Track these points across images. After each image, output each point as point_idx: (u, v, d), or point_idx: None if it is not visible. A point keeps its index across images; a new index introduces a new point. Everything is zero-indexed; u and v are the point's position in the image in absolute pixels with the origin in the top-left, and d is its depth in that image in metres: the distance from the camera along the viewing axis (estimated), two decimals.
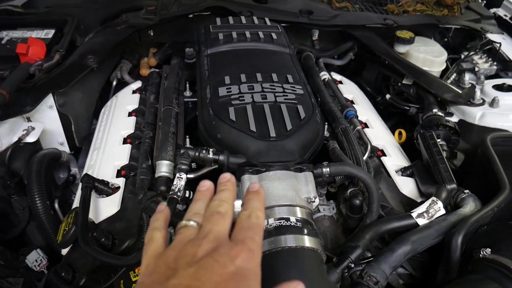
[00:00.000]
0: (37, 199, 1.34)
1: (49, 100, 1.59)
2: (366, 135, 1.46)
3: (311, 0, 2.10)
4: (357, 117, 1.53)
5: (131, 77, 2.00)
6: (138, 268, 1.04)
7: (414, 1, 2.21)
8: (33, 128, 1.49)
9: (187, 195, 1.25)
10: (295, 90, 1.30)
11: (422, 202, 1.21)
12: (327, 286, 0.93)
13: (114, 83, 2.01)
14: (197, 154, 1.11)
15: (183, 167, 1.09)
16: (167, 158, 1.20)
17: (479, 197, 1.23)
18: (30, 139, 1.46)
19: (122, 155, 1.42)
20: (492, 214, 1.16)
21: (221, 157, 1.12)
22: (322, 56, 1.96)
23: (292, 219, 0.98)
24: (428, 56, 1.85)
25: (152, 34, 1.99)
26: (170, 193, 1.04)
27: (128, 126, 1.56)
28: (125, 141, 1.50)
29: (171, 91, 1.52)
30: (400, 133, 1.77)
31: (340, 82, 1.91)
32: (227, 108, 1.21)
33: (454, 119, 1.69)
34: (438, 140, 1.54)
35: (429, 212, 1.14)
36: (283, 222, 0.97)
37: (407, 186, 1.35)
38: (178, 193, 1.04)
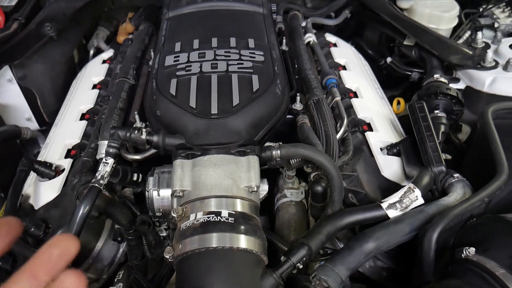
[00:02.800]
0: None
1: (7, 73, 1.49)
2: (345, 108, 1.26)
3: None
4: (338, 85, 1.32)
5: (111, 46, 1.86)
6: None
7: None
8: None
9: (134, 178, 1.13)
10: (254, 57, 1.11)
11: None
12: None
13: (91, 52, 1.88)
14: (128, 134, 0.96)
15: (111, 150, 0.94)
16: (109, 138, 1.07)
17: (475, 182, 1.03)
18: None
19: (75, 132, 1.30)
20: (486, 205, 0.96)
21: (155, 138, 0.96)
22: (312, 15, 1.73)
23: (224, 213, 0.83)
24: (435, 11, 1.58)
25: None
26: (92, 181, 0.91)
27: (89, 100, 1.43)
28: (83, 117, 1.38)
29: (130, 61, 1.37)
30: (398, 103, 1.55)
31: (335, 45, 1.69)
32: (170, 80, 1.05)
33: (460, 85, 1.44)
34: (437, 111, 1.32)
35: (403, 201, 0.95)
36: (212, 217, 0.82)
37: (391, 167, 1.15)
38: (101, 181, 0.90)
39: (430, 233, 0.86)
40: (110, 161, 0.94)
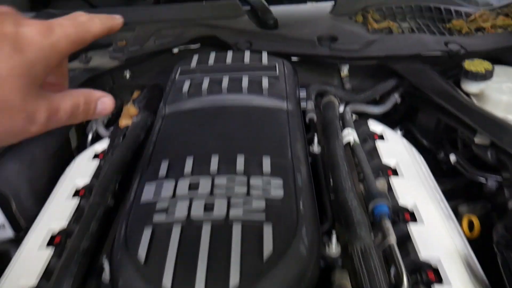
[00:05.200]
0: None
1: None
2: (399, 240, 0.88)
3: (341, 21, 1.53)
4: (391, 214, 0.94)
5: (112, 131, 1.57)
6: None
7: (494, 12, 1.54)
8: None
9: None
10: (269, 191, 0.76)
11: None
12: None
13: (89, 137, 1.60)
14: None
15: None
16: None
17: None
18: None
19: (35, 267, 0.98)
20: None
21: None
22: (352, 100, 1.38)
23: None
24: None
25: (128, 76, 1.56)
26: None
27: (65, 214, 1.12)
28: (53, 241, 1.06)
29: (111, 175, 1.05)
30: (470, 223, 1.14)
31: (381, 137, 1.32)
32: (143, 229, 0.71)
33: None
34: None
35: None
36: None
37: None
38: None
39: None
40: None
